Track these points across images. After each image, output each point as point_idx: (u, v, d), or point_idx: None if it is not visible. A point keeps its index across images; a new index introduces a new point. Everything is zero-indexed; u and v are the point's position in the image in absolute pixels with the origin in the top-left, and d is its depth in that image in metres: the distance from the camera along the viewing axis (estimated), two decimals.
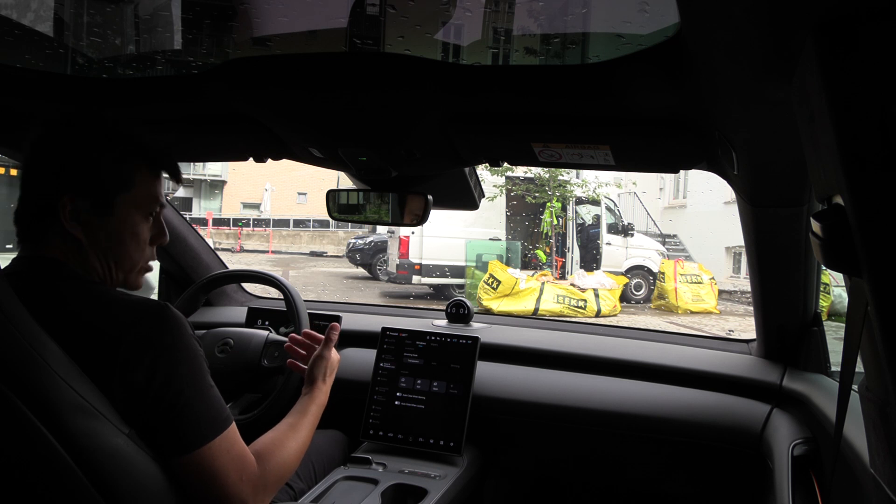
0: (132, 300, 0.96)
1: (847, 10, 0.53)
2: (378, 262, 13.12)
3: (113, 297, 0.96)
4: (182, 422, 0.93)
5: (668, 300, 10.51)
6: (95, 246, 1.00)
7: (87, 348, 0.89)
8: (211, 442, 0.95)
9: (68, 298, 0.95)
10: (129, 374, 0.90)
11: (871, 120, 0.53)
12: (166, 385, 0.92)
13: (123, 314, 0.93)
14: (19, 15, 1.22)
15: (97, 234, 1.00)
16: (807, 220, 1.26)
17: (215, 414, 0.97)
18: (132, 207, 1.03)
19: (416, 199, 1.51)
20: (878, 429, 0.64)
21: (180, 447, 0.93)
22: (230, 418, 1.00)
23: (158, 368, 0.92)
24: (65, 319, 0.91)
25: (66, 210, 0.97)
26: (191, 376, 0.95)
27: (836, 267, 0.60)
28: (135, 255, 1.05)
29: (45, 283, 0.96)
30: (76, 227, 0.98)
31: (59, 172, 0.99)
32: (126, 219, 1.02)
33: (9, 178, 12.55)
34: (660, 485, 1.71)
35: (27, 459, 0.82)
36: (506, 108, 1.14)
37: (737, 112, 0.91)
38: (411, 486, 1.52)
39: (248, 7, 1.15)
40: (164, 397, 0.92)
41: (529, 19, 1.06)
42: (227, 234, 20.02)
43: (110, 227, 1.01)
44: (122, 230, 1.03)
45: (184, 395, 0.93)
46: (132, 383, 0.90)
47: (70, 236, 0.99)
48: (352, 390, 1.81)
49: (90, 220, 0.99)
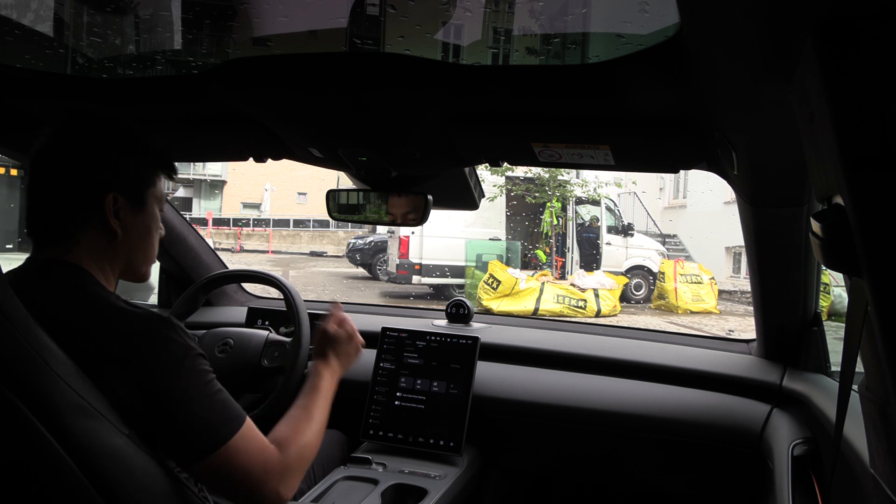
0: (135, 314, 0.96)
1: (847, 10, 0.53)
2: (378, 262, 13.12)
3: (118, 311, 0.96)
4: (193, 431, 0.94)
5: (668, 300, 10.50)
6: (128, 240, 1.05)
7: (89, 365, 0.90)
8: (227, 443, 0.96)
9: (77, 311, 0.95)
10: (133, 394, 0.91)
11: (871, 120, 0.53)
12: (170, 402, 0.93)
13: (126, 329, 0.94)
14: (19, 15, 1.22)
15: (131, 228, 1.05)
16: (807, 220, 1.26)
17: (227, 416, 0.98)
18: (155, 201, 1.09)
19: (416, 199, 1.51)
20: (878, 429, 0.64)
21: (196, 455, 0.95)
22: (243, 415, 1.00)
23: (161, 387, 0.93)
24: (70, 333, 0.92)
25: (110, 207, 1.01)
26: (194, 389, 0.95)
27: (836, 267, 0.60)
28: (155, 246, 1.12)
29: (58, 290, 0.97)
30: (117, 223, 1.02)
31: (103, 172, 1.02)
32: (152, 212, 1.09)
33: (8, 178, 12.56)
34: (660, 485, 1.71)
35: (27, 460, 0.82)
36: (506, 108, 1.14)
37: (737, 112, 0.91)
38: (411, 486, 1.52)
39: (248, 7, 1.15)
40: (169, 413, 0.93)
41: (529, 19, 1.06)
42: (227, 234, 20.02)
43: (142, 222, 1.07)
44: (150, 223, 1.09)
45: (190, 408, 0.94)
46: (136, 403, 0.91)
47: (104, 233, 1.02)
48: (352, 390, 1.81)
49: (126, 216, 1.04)
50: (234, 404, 1.00)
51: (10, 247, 12.33)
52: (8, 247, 12.26)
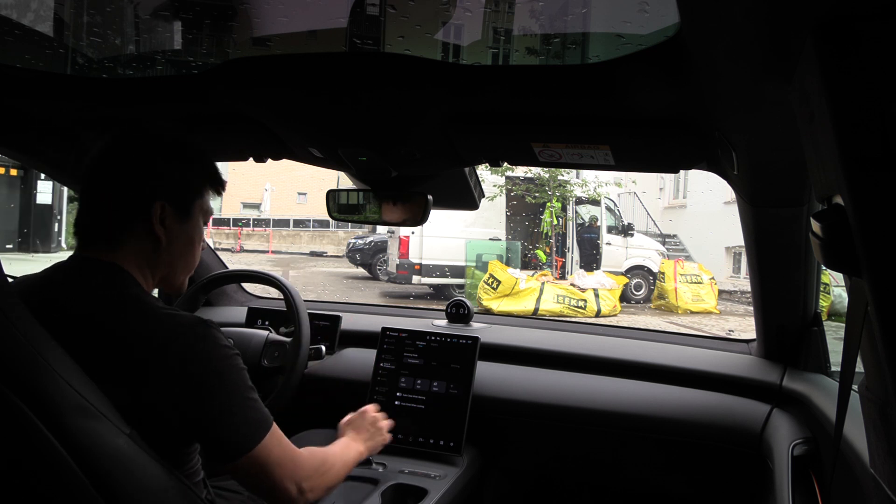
0: (176, 316, 0.98)
1: (847, 10, 0.53)
2: (378, 262, 13.11)
3: (159, 313, 0.98)
4: (226, 433, 0.97)
5: (668, 300, 10.50)
6: (171, 248, 1.07)
7: (117, 366, 0.92)
8: (259, 444, 0.99)
9: (115, 312, 0.97)
10: (164, 396, 0.93)
11: (871, 120, 0.53)
12: (212, 405, 0.96)
13: (167, 332, 0.95)
14: (19, 15, 1.22)
15: (175, 237, 1.07)
16: (807, 220, 1.26)
17: (258, 419, 1.01)
18: (200, 213, 1.11)
19: (416, 199, 1.51)
20: (878, 429, 0.64)
21: (226, 456, 0.98)
22: (270, 419, 1.03)
23: (204, 392, 0.95)
24: (102, 333, 0.94)
25: (157, 215, 1.03)
26: (229, 393, 0.98)
27: (836, 267, 0.60)
28: (197, 256, 1.14)
29: (98, 289, 0.98)
30: (162, 231, 1.04)
31: (152, 181, 1.04)
32: (197, 223, 1.11)
33: (8, 178, 12.55)
34: (660, 485, 1.71)
35: (28, 460, 0.82)
36: (506, 108, 1.14)
37: (737, 112, 0.91)
38: (411, 486, 1.52)
39: (248, 7, 1.15)
40: (210, 416, 0.96)
41: (529, 19, 1.06)
42: (227, 234, 20.01)
43: (186, 231, 1.09)
44: (194, 233, 1.11)
45: (230, 412, 0.97)
46: (170, 407, 0.93)
47: (149, 239, 1.04)
48: (352, 390, 1.81)
49: (172, 224, 1.06)
50: (263, 407, 1.03)
51: (10, 247, 12.32)
52: (8, 247, 12.25)
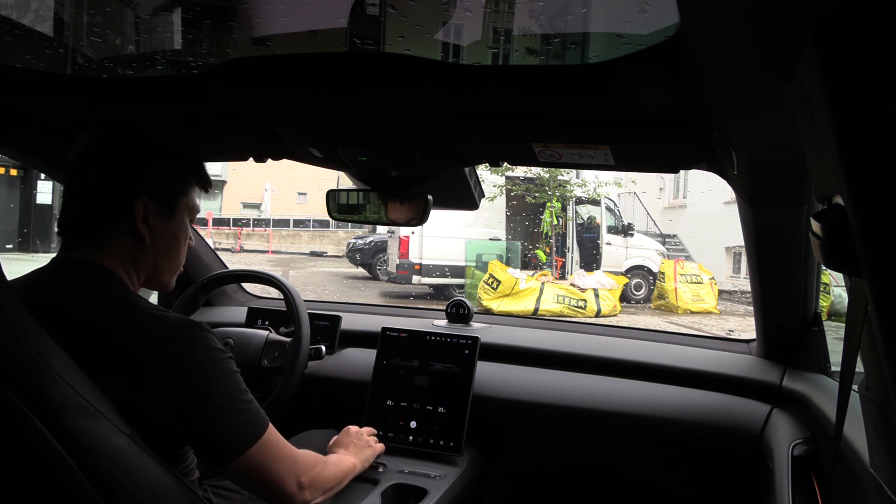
0: (165, 318, 0.97)
1: (847, 10, 0.53)
2: (378, 262, 13.11)
3: (147, 314, 0.97)
4: (224, 435, 0.97)
5: (668, 300, 10.50)
6: (155, 246, 1.06)
7: (113, 368, 0.92)
8: (254, 445, 0.99)
9: (104, 313, 0.96)
10: (160, 399, 0.92)
11: (871, 120, 0.53)
12: (205, 407, 0.95)
13: (157, 333, 0.95)
14: (19, 15, 1.22)
15: (159, 235, 1.06)
16: (807, 220, 1.26)
17: (253, 420, 1.01)
18: (185, 211, 1.10)
19: (416, 199, 1.51)
20: (878, 429, 0.64)
21: (222, 458, 0.98)
22: (266, 421, 1.03)
23: (195, 393, 0.95)
24: (97, 334, 0.94)
25: (140, 212, 1.02)
26: (223, 396, 0.97)
27: (836, 267, 0.60)
28: (182, 255, 1.13)
29: (85, 290, 0.98)
30: (145, 228, 1.03)
31: (137, 178, 1.03)
32: (182, 221, 1.10)
33: (8, 178, 12.55)
34: (660, 485, 1.71)
35: (27, 460, 0.82)
36: (506, 108, 1.14)
37: (737, 112, 0.91)
38: (411, 486, 1.52)
39: (247, 7, 1.15)
40: (203, 417, 0.95)
41: (529, 19, 1.06)
42: (227, 234, 20.00)
43: (170, 229, 1.08)
44: (178, 231, 1.09)
45: (222, 413, 0.97)
46: (165, 409, 0.93)
47: (133, 237, 1.03)
48: (352, 390, 1.81)
49: (156, 222, 1.05)
50: (259, 408, 1.03)
51: (10, 247, 12.32)
52: (8, 247, 12.25)
